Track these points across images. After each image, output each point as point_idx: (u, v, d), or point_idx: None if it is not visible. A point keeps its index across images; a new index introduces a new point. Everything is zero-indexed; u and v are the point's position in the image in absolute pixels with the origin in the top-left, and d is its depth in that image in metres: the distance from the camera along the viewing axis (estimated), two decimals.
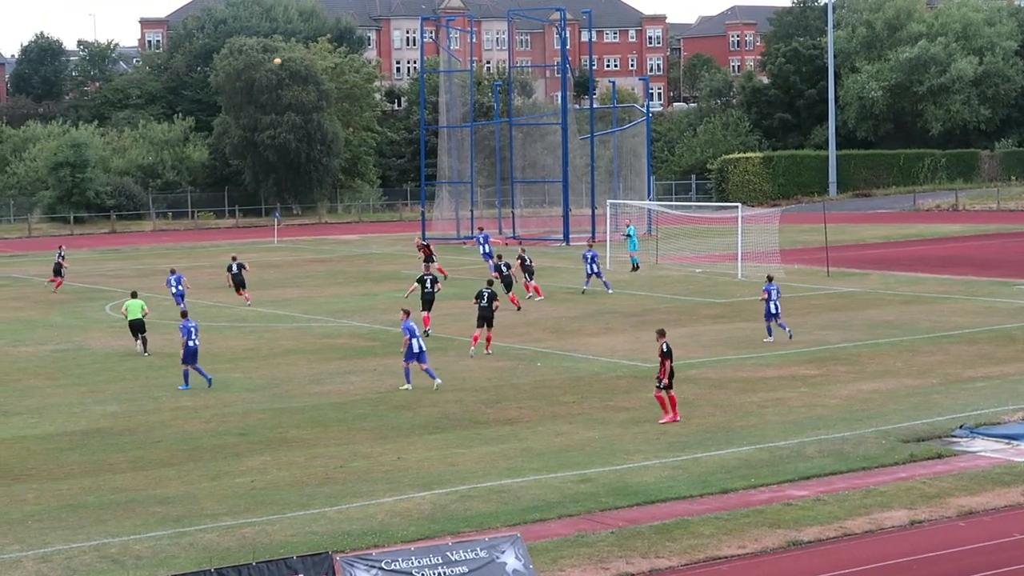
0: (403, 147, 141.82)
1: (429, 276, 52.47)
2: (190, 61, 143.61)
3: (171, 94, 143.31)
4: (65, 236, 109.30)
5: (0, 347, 49.51)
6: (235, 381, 41.39)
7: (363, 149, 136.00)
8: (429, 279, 52.03)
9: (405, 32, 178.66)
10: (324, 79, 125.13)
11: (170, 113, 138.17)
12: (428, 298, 51.27)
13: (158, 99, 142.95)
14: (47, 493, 28.63)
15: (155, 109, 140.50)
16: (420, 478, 29.08)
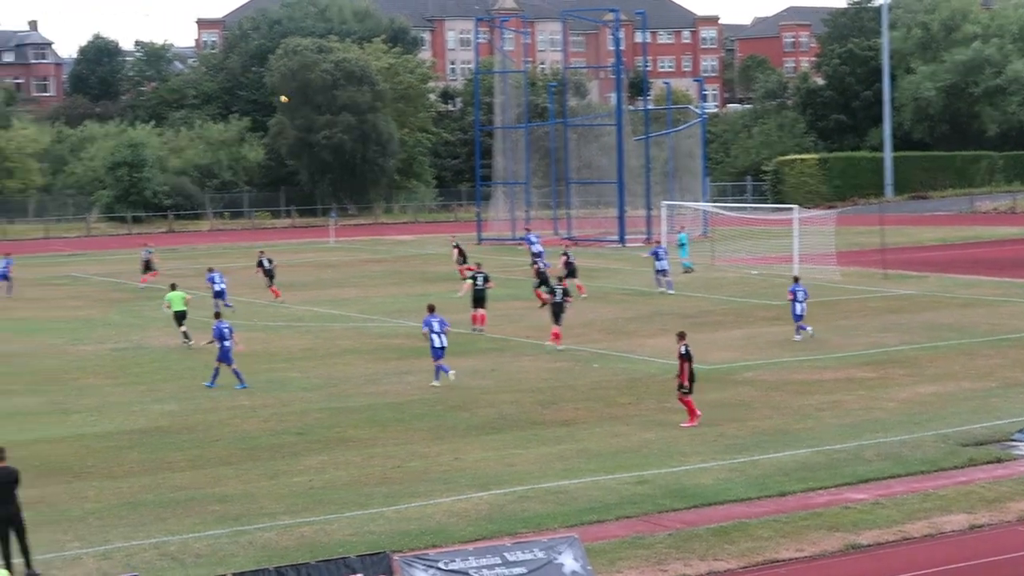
0: (458, 148, 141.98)
1: (481, 274, 52.61)
2: (246, 61, 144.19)
3: (227, 94, 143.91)
4: (123, 235, 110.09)
5: (60, 345, 49.82)
6: (292, 380, 41.52)
7: (418, 149, 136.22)
8: (481, 277, 52.23)
9: (459, 33, 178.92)
10: (379, 79, 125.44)
11: (226, 113, 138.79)
12: (479, 295, 51.63)
13: (214, 99, 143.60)
14: (107, 491, 28.79)
15: (211, 109, 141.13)
16: (477, 478, 29.09)
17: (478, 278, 52.23)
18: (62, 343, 50.41)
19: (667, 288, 62.52)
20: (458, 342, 48.09)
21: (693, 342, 45.87)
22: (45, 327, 54.81)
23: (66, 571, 23.58)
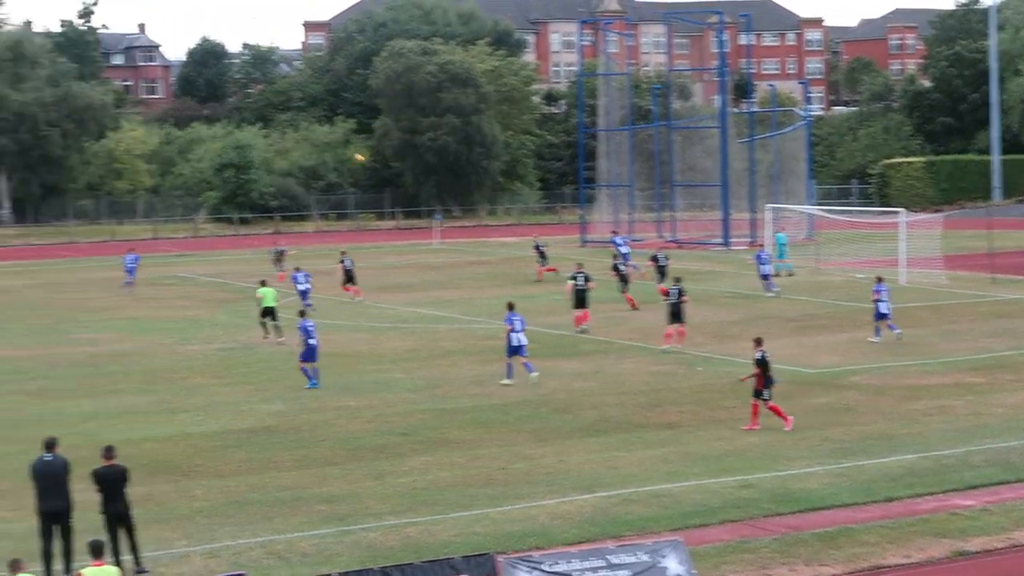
0: (562, 150, 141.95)
1: (582, 274, 52.70)
2: (351, 63, 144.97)
3: (332, 96, 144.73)
4: (230, 236, 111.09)
5: (168, 345, 50.36)
6: (397, 381, 41.70)
7: (522, 152, 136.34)
8: (582, 277, 52.38)
9: (563, 35, 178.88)
10: (483, 82, 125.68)
11: (331, 115, 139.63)
12: (581, 296, 51.97)
13: (319, 101, 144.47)
14: (215, 490, 29.07)
15: (316, 111, 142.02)
16: (581, 481, 29.07)
17: (579, 278, 52.41)
18: (171, 343, 50.96)
19: (771, 291, 62.29)
20: (562, 344, 48.20)
21: (798, 345, 45.71)
22: (154, 327, 55.43)
23: (174, 568, 23.84)
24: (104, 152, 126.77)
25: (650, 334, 50.41)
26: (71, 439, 32.36)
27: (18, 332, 54.85)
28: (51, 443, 24.10)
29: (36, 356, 48.14)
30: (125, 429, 35.05)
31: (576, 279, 52.49)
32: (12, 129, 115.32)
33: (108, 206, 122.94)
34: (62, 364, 46.26)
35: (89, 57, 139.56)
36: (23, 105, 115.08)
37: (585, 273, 53.11)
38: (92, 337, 52.82)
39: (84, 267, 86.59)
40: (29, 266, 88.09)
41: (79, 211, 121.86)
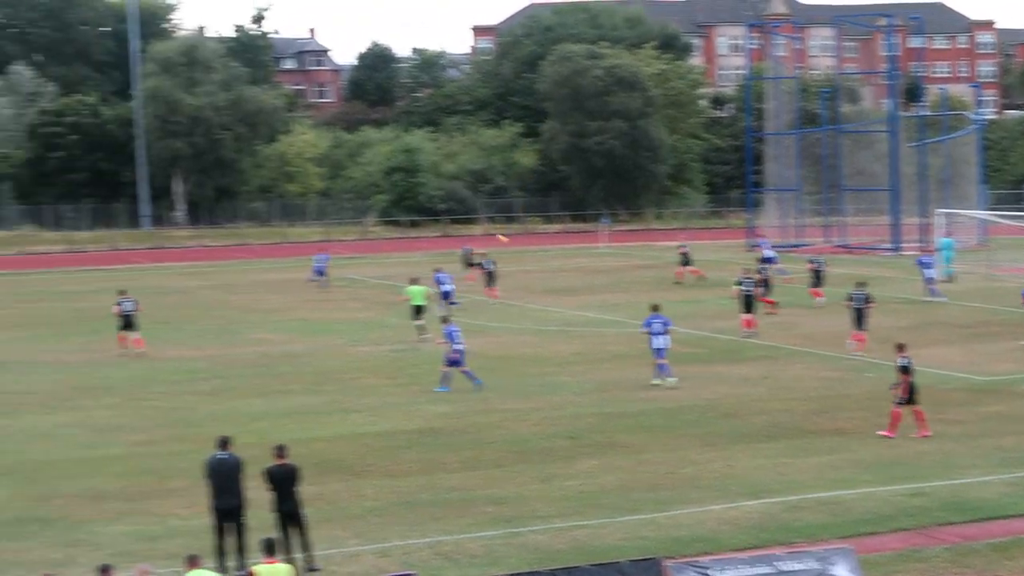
0: (729, 154, 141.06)
1: (749, 279, 52.84)
2: (518, 68, 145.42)
3: (500, 100, 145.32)
4: (398, 239, 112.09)
5: (339, 346, 50.91)
6: (564, 384, 41.74)
7: (689, 155, 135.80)
8: (749, 282, 52.60)
9: (730, 38, 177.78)
10: (650, 85, 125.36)
11: (499, 119, 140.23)
12: (748, 300, 52.14)
13: (487, 105, 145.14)
14: (385, 489, 29.32)
15: (484, 115, 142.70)
16: (749, 486, 28.87)
17: (745, 283, 52.57)
18: (341, 343, 51.52)
19: (935, 296, 61.44)
20: (729, 348, 47.93)
21: (970, 352, 44.95)
22: (325, 328, 56.09)
23: (345, 567, 24.09)
24: (275, 155, 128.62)
25: (819, 339, 49.98)
26: (243, 438, 32.84)
27: (192, 333, 55.83)
28: (225, 442, 24.49)
29: (210, 356, 48.97)
30: (296, 428, 35.52)
31: (742, 284, 52.59)
32: (187, 133, 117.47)
33: (280, 208, 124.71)
34: (235, 364, 47.00)
35: (261, 62, 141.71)
36: (197, 109, 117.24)
37: (752, 279, 53.25)
38: (264, 338, 53.61)
39: (256, 268, 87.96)
40: (203, 267, 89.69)
41: (251, 213, 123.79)
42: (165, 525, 26.89)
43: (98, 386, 43.03)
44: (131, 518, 27.44)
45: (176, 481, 30.18)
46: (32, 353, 50.57)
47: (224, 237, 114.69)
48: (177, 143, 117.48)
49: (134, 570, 19.71)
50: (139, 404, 39.79)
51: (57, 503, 28.71)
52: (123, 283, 76.46)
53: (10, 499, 29.07)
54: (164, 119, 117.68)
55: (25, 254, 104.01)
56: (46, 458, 32.91)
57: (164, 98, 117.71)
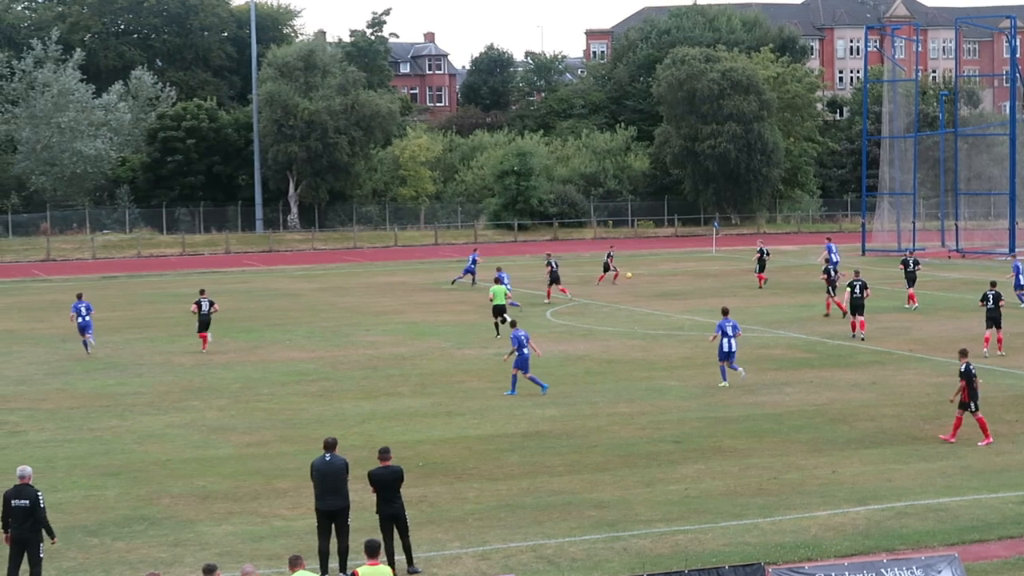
0: (844, 157, 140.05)
1: (859, 282, 52.89)
2: (633, 71, 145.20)
3: (613, 104, 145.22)
4: (509, 243, 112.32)
5: (445, 349, 51.13)
6: (671, 389, 41.65)
7: (803, 159, 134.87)
8: (859, 285, 52.67)
9: (848, 41, 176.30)
10: (766, 89, 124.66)
11: (612, 123, 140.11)
12: (857, 303, 52.47)
13: (601, 109, 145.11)
14: (487, 492, 29.40)
15: (598, 119, 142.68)
16: (855, 493, 28.64)
17: (856, 286, 52.68)
18: (448, 346, 51.73)
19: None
20: (839, 353, 47.56)
21: None
22: (432, 331, 56.33)
23: (446, 569, 24.19)
24: (389, 159, 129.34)
25: (931, 345, 49.50)
26: (349, 439, 33.23)
27: (302, 335, 56.29)
28: (331, 443, 24.64)
29: (319, 358, 49.36)
30: (401, 431, 35.74)
31: (853, 287, 52.66)
32: (302, 136, 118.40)
33: (392, 212, 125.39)
34: (343, 366, 47.34)
35: (378, 66, 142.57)
36: (313, 113, 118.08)
37: (862, 281, 53.18)
38: (372, 340, 53.96)
39: (367, 271, 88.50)
40: (314, 270, 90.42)
41: (363, 217, 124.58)
42: (270, 526, 27.15)
43: (208, 387, 43.53)
44: (237, 518, 27.72)
45: (283, 482, 30.44)
46: (145, 354, 51.25)
47: (335, 240, 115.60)
48: (292, 147, 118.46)
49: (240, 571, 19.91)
50: (248, 405, 40.19)
51: (165, 502, 29.07)
52: (235, 286, 77.49)
53: (118, 499, 29.47)
54: (280, 123, 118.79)
55: (142, 256, 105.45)
56: (155, 458, 33.33)
57: (281, 102, 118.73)
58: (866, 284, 53.22)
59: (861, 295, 52.43)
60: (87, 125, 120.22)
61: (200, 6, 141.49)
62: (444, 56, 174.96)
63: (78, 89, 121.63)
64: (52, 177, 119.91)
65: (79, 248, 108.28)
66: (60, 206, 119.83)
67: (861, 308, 52.38)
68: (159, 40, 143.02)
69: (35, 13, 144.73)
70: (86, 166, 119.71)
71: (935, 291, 65.64)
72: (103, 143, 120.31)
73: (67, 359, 50.36)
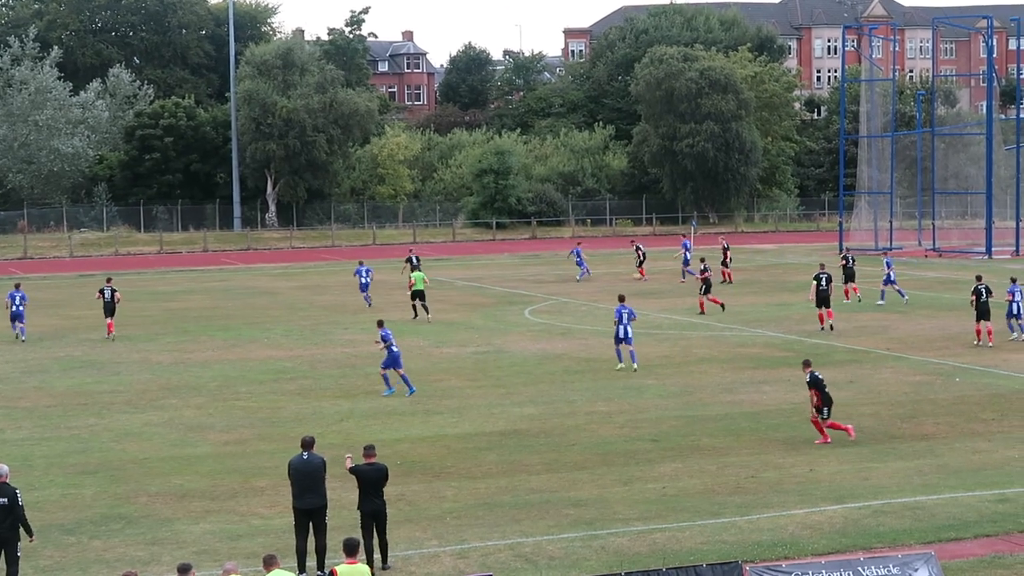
0: (821, 156, 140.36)
1: (824, 275, 54.39)
2: (611, 70, 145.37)
3: (592, 103, 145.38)
4: (487, 241, 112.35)
5: (424, 348, 51.09)
6: (649, 388, 41.69)
7: (781, 158, 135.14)
8: (824, 277, 54.10)
9: (826, 40, 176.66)
10: (743, 88, 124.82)
11: (591, 122, 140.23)
12: (822, 295, 53.89)
13: (579, 108, 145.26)
14: (465, 491, 29.40)
15: (576, 118, 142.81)
16: (832, 491, 28.72)
17: (822, 279, 54.12)
18: (426, 345, 51.71)
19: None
20: (816, 352, 47.57)
21: None
22: (411, 329, 56.24)
23: (424, 568, 24.18)
24: (368, 157, 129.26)
25: (909, 343, 49.67)
26: (328, 438, 33.23)
27: (280, 333, 56.22)
28: (309, 442, 24.60)
29: (297, 356, 49.31)
30: (380, 429, 35.73)
31: (819, 280, 54.16)
32: (280, 135, 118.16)
33: (370, 210, 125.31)
34: (322, 365, 47.30)
35: (356, 64, 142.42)
36: (291, 111, 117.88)
37: (828, 274, 54.70)
38: (351, 339, 53.91)
39: (345, 270, 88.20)
40: (292, 268, 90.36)
41: (341, 215, 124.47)
42: (248, 524, 27.12)
43: (186, 385, 43.47)
44: (215, 517, 27.69)
45: (261, 480, 30.42)
46: (122, 353, 51.15)
47: (314, 239, 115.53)
48: (270, 145, 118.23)
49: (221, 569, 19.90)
50: (226, 404, 40.14)
51: (142, 501, 29.02)
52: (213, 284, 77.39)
53: (96, 497, 29.41)
54: (258, 121, 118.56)
55: (119, 254, 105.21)
56: (133, 457, 33.27)
57: (259, 100, 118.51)
58: (831, 277, 54.59)
59: (827, 288, 53.90)
60: (64, 123, 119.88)
61: (178, 4, 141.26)
62: (422, 55, 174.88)
63: (56, 87, 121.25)
64: (29, 175, 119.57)
65: (56, 246, 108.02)
66: (37, 204, 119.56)
67: (827, 300, 53.86)
68: (137, 38, 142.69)
69: (12, 11, 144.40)
70: (63, 164, 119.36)
71: (913, 290, 65.74)
72: (80, 141, 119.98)
73: (45, 357, 50.25)
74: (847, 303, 61.57)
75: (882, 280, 63.10)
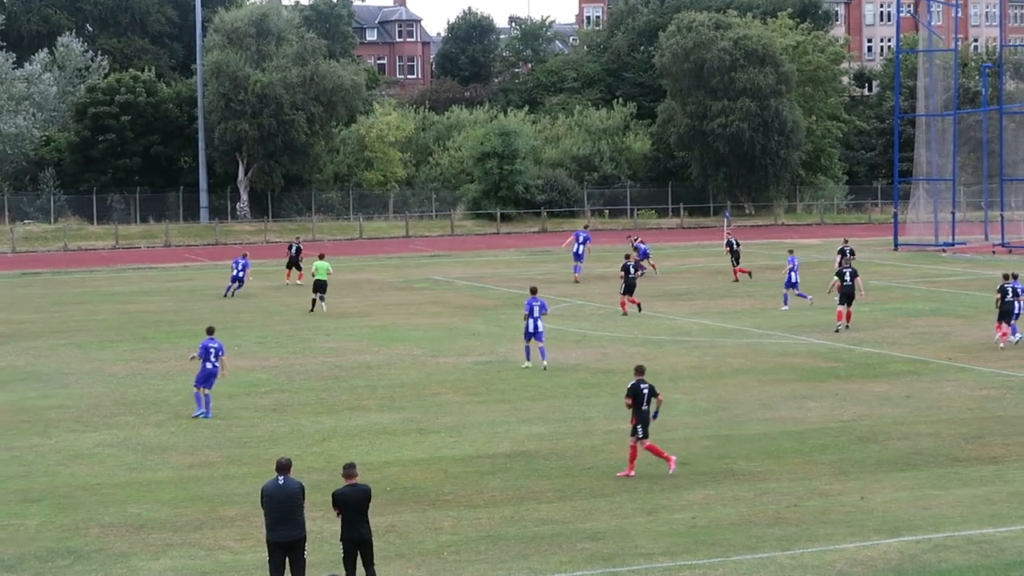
0: (873, 138, 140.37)
1: (849, 269, 56.32)
2: (632, 40, 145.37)
3: (610, 77, 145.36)
4: (490, 235, 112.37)
5: (418, 357, 51.01)
6: (677, 403, 41.56)
7: (827, 140, 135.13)
8: (848, 272, 56.07)
9: (879, 6, 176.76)
10: (784, 60, 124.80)
11: (609, 98, 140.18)
12: (847, 291, 55.67)
13: (596, 82, 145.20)
14: (465, 522, 29.32)
15: (592, 94, 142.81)
16: (887, 522, 28.64)
17: (846, 273, 55.96)
18: (420, 354, 51.65)
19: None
20: (867, 362, 47.56)
21: None
22: (403, 336, 56.24)
23: None
24: (354, 139, 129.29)
25: (973, 353, 49.62)
26: (307, 460, 33.18)
27: (253, 340, 56.16)
28: (285, 465, 24.48)
29: (272, 367, 49.27)
30: (367, 450, 35.66)
31: (843, 274, 55.93)
32: (254, 113, 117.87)
33: (357, 199, 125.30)
34: (300, 376, 47.25)
35: (341, 33, 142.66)
36: (266, 86, 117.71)
37: (852, 268, 56.59)
38: (334, 346, 53.88)
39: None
40: (267, 265, 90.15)
41: (323, 205, 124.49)
42: (215, 559, 27.05)
43: (144, 400, 43.41)
44: (177, 551, 27.62)
45: (229, 509, 30.34)
46: (72, 362, 51.10)
47: (292, 232, 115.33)
48: (242, 125, 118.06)
49: None
50: (190, 422, 40.07)
51: (94, 533, 28.94)
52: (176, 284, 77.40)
53: (40, 529, 29.33)
54: (229, 98, 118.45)
55: (69, 250, 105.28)
56: (83, 482, 33.19)
57: (229, 74, 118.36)
58: (856, 271, 56.27)
59: (851, 282, 55.37)
60: (7, 99, 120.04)
61: None
62: (416, 22, 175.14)
63: None
64: None
65: None
66: None
67: (851, 298, 55.43)
68: (89, 2, 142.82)
69: None
70: (5, 146, 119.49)
71: (977, 291, 65.71)
72: (25, 120, 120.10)
73: None
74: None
75: (783, 282, 63.93)
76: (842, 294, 55.35)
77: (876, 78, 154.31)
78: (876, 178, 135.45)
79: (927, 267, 74.80)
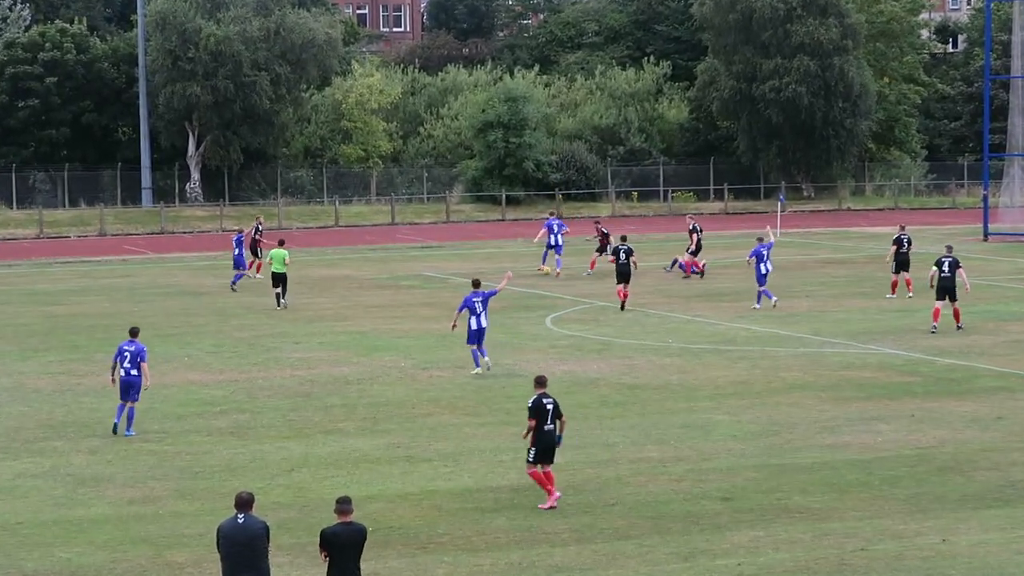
0: (959, 105, 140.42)
1: (948, 259, 56.55)
2: None
3: (640, 30, 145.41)
4: (493, 222, 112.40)
5: (406, 370, 51.06)
6: (718, 425, 41.68)
7: (902, 107, 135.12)
8: (948, 261, 56.39)
9: None
10: (850, 10, 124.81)
11: (638, 56, 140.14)
12: (945, 284, 56.18)
13: (622, 37, 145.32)
14: (463, 568, 29.40)
15: (618, 51, 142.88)
16: (974, 569, 28.73)
17: (944, 264, 56.43)
18: (408, 366, 51.71)
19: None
20: (951, 377, 47.65)
21: None
22: (387, 344, 56.35)
23: None
24: (328, 106, 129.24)
25: None
26: (272, 494, 33.28)
27: (207, 348, 56.26)
28: (246, 500, 24.49)
29: (230, 381, 49.35)
30: (345, 482, 35.69)
31: (941, 264, 56.56)
32: (207, 74, 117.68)
33: (332, 178, 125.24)
34: (264, 393, 47.32)
35: None
36: (222, 41, 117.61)
37: (953, 257, 56.93)
38: (304, 357, 53.97)
39: (297, 261, 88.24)
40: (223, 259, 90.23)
41: (292, 185, 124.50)
42: None
43: (76, 422, 43.46)
44: None
45: (178, 553, 30.42)
46: None
47: (252, 218, 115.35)
48: (193, 88, 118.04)
49: None
50: (131, 447, 40.14)
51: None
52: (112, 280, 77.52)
53: None
54: (176, 55, 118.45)
55: None
56: (2, 521, 33.27)
57: (177, 26, 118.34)
58: (958, 262, 56.36)
59: (952, 274, 55.82)
60: None
61: None
62: None
63: None
64: None
65: None
66: None
67: (952, 291, 55.84)
68: None
69: None
70: None
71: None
72: None
73: None
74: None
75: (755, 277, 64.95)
76: (939, 287, 55.53)
77: (962, 32, 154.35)
78: (962, 153, 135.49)
79: (1022, 261, 74.93)
